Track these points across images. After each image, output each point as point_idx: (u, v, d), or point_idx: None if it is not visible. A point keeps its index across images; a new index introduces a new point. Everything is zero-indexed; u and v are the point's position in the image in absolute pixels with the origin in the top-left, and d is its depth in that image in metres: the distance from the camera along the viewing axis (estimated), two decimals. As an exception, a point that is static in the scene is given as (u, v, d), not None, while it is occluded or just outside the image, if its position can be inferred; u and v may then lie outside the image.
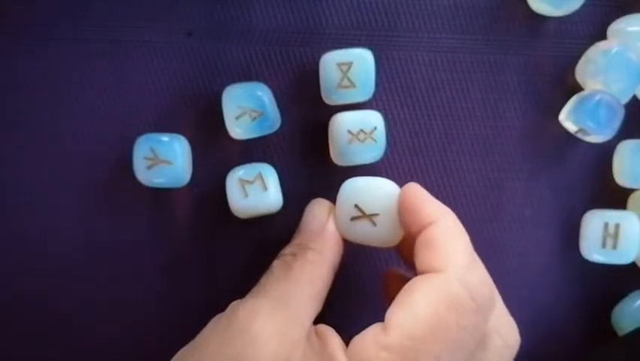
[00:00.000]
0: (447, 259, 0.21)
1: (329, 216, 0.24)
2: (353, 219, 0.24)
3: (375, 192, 0.24)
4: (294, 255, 0.24)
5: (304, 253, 0.24)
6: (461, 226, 0.22)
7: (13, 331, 0.29)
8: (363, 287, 0.30)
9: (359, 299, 0.30)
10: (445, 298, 0.20)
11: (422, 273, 0.21)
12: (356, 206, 0.24)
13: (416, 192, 0.23)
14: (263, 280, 0.24)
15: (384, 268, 0.30)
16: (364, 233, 0.24)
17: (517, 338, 0.22)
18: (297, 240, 0.25)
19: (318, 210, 0.25)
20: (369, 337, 0.20)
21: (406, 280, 0.26)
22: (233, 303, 0.23)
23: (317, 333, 0.22)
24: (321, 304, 0.23)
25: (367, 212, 0.24)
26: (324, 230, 0.24)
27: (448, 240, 0.21)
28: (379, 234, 0.24)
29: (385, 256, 0.30)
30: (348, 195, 0.24)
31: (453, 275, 0.20)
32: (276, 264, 0.24)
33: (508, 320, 0.23)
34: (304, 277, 0.23)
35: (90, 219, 0.29)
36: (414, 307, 0.20)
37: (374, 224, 0.23)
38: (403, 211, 0.23)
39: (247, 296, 0.23)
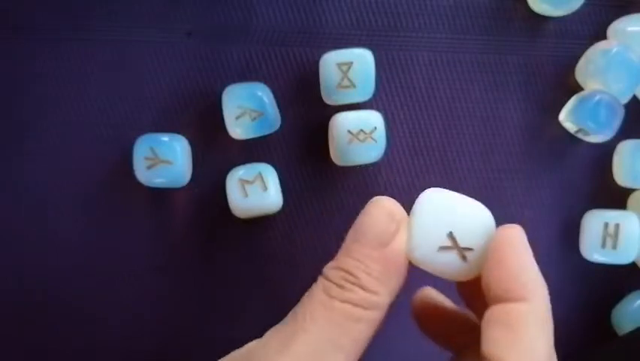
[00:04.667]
0: (524, 358, 0.17)
1: (397, 232, 0.19)
2: (442, 248, 0.19)
3: (471, 220, 0.19)
4: (341, 287, 0.18)
5: (355, 291, 0.18)
6: (550, 309, 0.19)
7: (13, 330, 0.29)
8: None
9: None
10: None
11: (488, 357, 0.17)
12: (451, 235, 0.19)
13: (518, 246, 0.18)
14: (299, 311, 0.19)
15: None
16: (449, 267, 0.19)
17: None
18: (348, 261, 0.19)
19: (384, 218, 0.19)
20: None
21: (442, 309, 0.22)
22: (262, 345, 0.19)
23: None
24: (362, 354, 0.19)
25: (462, 244, 0.19)
26: (387, 252, 0.18)
27: (532, 331, 0.17)
28: (465, 270, 0.19)
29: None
30: (438, 216, 0.19)
31: None
32: (317, 293, 0.19)
33: None
34: (348, 328, 0.18)
35: (90, 219, 0.29)
36: None
37: (464, 259, 0.19)
38: (495, 262, 0.18)
39: (278, 333, 0.19)
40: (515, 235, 0.19)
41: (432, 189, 0.20)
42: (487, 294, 0.18)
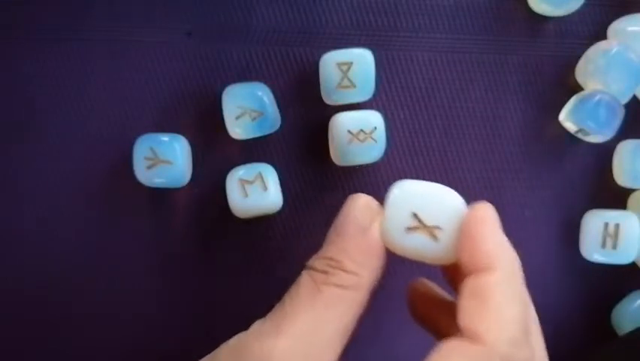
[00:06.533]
0: (495, 327, 0.17)
1: (374, 221, 0.20)
2: (409, 229, 0.20)
3: (438, 202, 0.20)
4: (325, 273, 0.19)
5: (338, 274, 0.19)
6: (521, 277, 0.19)
7: (13, 331, 0.29)
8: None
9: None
10: None
11: (463, 328, 0.18)
12: (415, 215, 0.20)
13: (484, 217, 0.19)
14: (287, 299, 0.20)
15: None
16: (420, 247, 0.20)
17: None
18: (330, 249, 0.20)
19: (361, 210, 0.20)
20: None
21: (436, 298, 0.24)
22: (253, 333, 0.20)
23: None
24: (350, 334, 0.20)
25: (428, 223, 0.20)
26: (365, 238, 0.20)
27: (502, 300, 0.18)
28: (438, 250, 0.20)
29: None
30: (405, 201, 0.20)
31: (496, 351, 0.17)
32: (304, 281, 0.20)
33: None
34: (334, 308, 0.19)
35: (90, 219, 0.29)
36: None
37: (434, 238, 0.20)
38: (466, 235, 0.19)
39: (267, 321, 0.20)
40: (485, 212, 0.19)
41: (402, 180, 0.21)
42: (462, 270, 0.19)
